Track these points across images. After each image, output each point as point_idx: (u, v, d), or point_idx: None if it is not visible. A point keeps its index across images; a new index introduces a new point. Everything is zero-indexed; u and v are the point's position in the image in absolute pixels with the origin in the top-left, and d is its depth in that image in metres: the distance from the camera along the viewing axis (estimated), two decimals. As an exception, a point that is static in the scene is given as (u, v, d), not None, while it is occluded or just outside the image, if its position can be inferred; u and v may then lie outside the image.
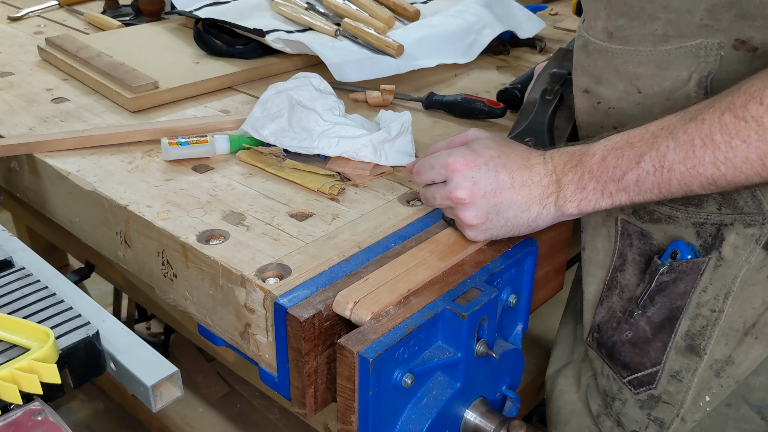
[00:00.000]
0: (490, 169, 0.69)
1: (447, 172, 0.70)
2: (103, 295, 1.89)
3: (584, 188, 0.67)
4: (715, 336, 0.72)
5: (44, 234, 1.52)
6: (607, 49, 0.72)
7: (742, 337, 0.72)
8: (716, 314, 0.72)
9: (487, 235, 0.72)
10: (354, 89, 1.12)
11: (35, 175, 0.94)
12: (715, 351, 0.73)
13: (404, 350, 0.63)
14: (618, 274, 0.78)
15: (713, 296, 0.72)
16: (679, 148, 0.61)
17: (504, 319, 0.76)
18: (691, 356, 0.74)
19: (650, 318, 0.75)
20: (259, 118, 0.91)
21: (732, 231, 0.70)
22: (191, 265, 0.74)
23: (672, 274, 0.73)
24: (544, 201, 0.69)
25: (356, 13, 1.26)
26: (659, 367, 0.75)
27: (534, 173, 0.69)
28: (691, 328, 0.73)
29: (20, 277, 0.67)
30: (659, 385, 0.76)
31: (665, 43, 0.68)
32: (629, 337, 0.77)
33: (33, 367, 0.55)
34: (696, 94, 0.68)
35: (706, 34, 0.65)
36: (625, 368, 0.78)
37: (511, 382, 0.77)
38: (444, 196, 0.71)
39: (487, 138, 0.73)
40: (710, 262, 0.71)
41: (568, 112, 0.86)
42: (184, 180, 0.86)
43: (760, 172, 0.58)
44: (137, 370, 0.59)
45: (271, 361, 0.69)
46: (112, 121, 1.01)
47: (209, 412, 1.53)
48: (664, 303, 0.74)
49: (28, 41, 1.33)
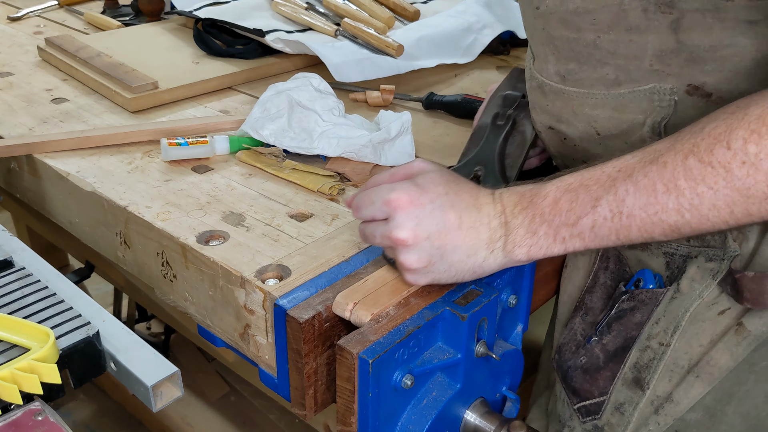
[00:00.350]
0: (435, 208, 0.62)
1: (389, 209, 0.63)
2: (103, 295, 1.89)
3: (535, 233, 0.62)
4: (660, 371, 0.70)
5: (44, 234, 1.52)
6: (563, 90, 0.70)
7: (685, 375, 0.69)
8: (663, 348, 0.70)
9: (428, 279, 0.65)
10: (354, 89, 1.12)
11: (35, 176, 0.94)
12: (658, 387, 0.71)
13: (404, 351, 0.63)
14: (586, 296, 0.77)
15: (663, 329, 0.70)
16: (639, 192, 0.57)
17: (504, 319, 0.76)
18: (635, 389, 0.72)
19: (605, 346, 0.73)
20: (259, 119, 0.91)
21: (694, 264, 0.68)
22: (191, 266, 0.74)
23: (631, 302, 0.71)
24: (491, 245, 0.63)
25: (356, 13, 1.26)
26: (606, 397, 0.73)
27: (482, 214, 0.63)
28: (640, 360, 0.71)
29: (20, 277, 0.67)
30: (603, 416, 0.74)
31: (618, 87, 0.66)
32: (582, 363, 0.75)
33: (33, 367, 0.55)
34: (651, 140, 0.66)
35: (658, 78, 0.64)
36: (575, 394, 0.76)
37: (511, 383, 0.77)
38: (384, 234, 0.64)
39: (433, 172, 0.66)
40: (668, 294, 0.69)
41: (521, 138, 0.80)
42: (183, 180, 0.86)
43: (727, 220, 0.54)
44: (138, 370, 0.59)
45: (270, 362, 0.69)
46: (111, 122, 1.01)
47: (209, 412, 1.53)
48: (619, 331, 0.72)
49: (28, 41, 1.33)
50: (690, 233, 0.57)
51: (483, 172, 0.76)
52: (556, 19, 0.66)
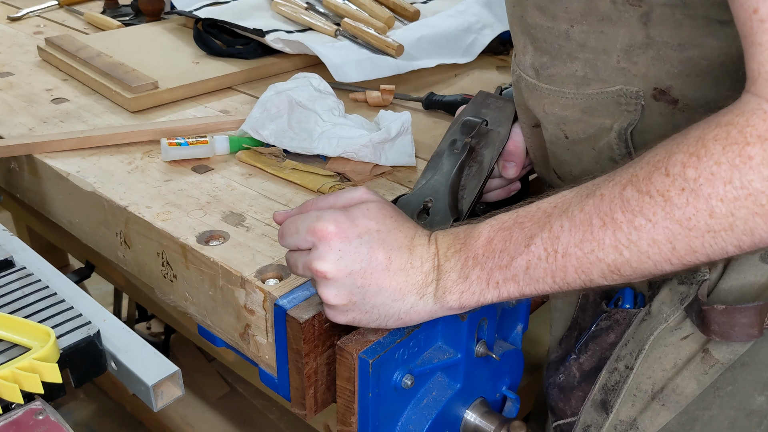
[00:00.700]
0: (363, 244, 0.58)
1: (313, 238, 0.59)
2: (103, 295, 1.89)
3: (467, 277, 0.57)
4: (623, 395, 0.67)
5: (44, 234, 1.52)
6: (536, 86, 0.69)
7: (650, 401, 0.66)
8: (627, 371, 0.67)
9: (347, 319, 0.61)
10: (354, 89, 1.12)
11: (35, 176, 0.94)
12: (621, 411, 0.68)
13: (404, 351, 0.63)
14: (579, 314, 0.76)
15: (630, 351, 0.67)
16: (574, 228, 0.52)
17: (504, 319, 0.76)
18: (601, 412, 0.69)
19: (581, 365, 0.71)
20: (259, 119, 0.91)
21: (667, 286, 0.66)
22: (191, 266, 0.74)
23: (608, 322, 0.69)
24: (422, 290, 0.59)
25: (356, 13, 1.26)
26: (576, 418, 0.71)
27: (415, 256, 0.59)
28: (608, 382, 0.69)
29: (21, 276, 0.67)
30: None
31: (587, 86, 0.65)
32: (560, 381, 0.73)
33: (34, 366, 0.55)
34: (617, 146, 0.65)
35: (625, 79, 0.62)
36: (553, 413, 0.75)
37: (511, 383, 0.77)
38: (306, 264, 0.60)
39: (373, 203, 0.61)
40: (639, 315, 0.67)
41: (478, 168, 0.75)
42: (183, 181, 0.86)
43: (670, 258, 0.50)
44: (138, 370, 0.59)
45: (270, 362, 0.70)
46: (111, 122, 1.01)
47: (210, 412, 1.53)
48: (595, 351, 0.70)
49: (28, 41, 1.33)
50: (632, 275, 0.52)
51: (433, 204, 0.71)
52: (533, 5, 0.65)
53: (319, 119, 0.90)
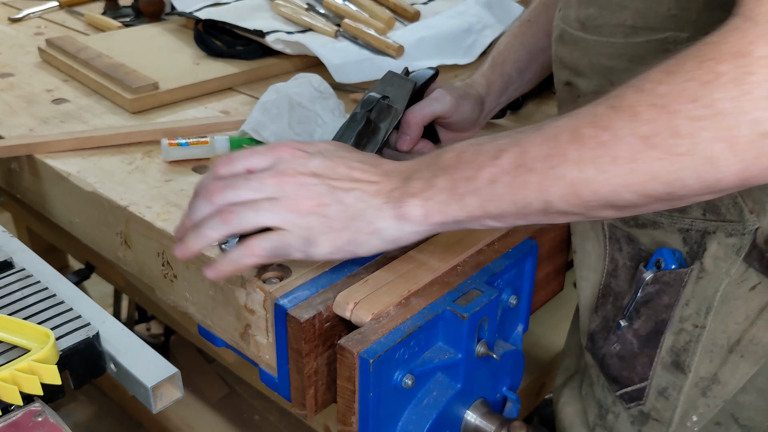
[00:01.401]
0: (325, 158, 0.58)
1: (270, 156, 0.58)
2: (103, 296, 1.89)
3: (433, 186, 0.56)
4: (699, 353, 0.68)
5: (44, 235, 1.52)
6: (582, 39, 0.69)
7: (727, 355, 0.68)
8: (699, 330, 0.68)
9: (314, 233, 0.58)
10: (354, 90, 1.12)
11: (35, 176, 0.94)
12: (700, 368, 0.69)
13: (404, 351, 0.63)
14: (612, 280, 0.76)
15: (695, 311, 0.68)
16: (544, 143, 0.52)
17: (504, 319, 0.76)
18: (676, 373, 0.70)
19: (637, 331, 0.71)
20: (259, 119, 0.91)
21: (714, 240, 0.66)
22: (191, 266, 0.74)
23: (656, 285, 0.69)
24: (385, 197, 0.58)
25: (356, 13, 1.26)
26: (647, 382, 0.72)
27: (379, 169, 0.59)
28: (675, 343, 0.70)
29: (20, 278, 0.67)
30: (647, 402, 0.73)
31: (635, 36, 0.65)
32: (617, 350, 0.74)
33: (33, 368, 0.55)
34: None
35: (675, 26, 0.62)
36: (615, 382, 0.75)
37: (511, 383, 0.77)
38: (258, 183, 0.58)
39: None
40: (692, 274, 0.67)
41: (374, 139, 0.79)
42: (184, 181, 0.86)
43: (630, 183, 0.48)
44: (137, 371, 0.59)
45: (271, 362, 0.69)
46: (112, 122, 1.01)
47: (209, 413, 1.53)
48: (649, 315, 0.70)
49: (29, 42, 1.33)
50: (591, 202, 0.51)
51: None
52: None
53: (319, 120, 0.90)
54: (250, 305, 0.69)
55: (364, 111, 0.79)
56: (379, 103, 0.79)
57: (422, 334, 0.64)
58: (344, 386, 0.62)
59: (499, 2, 1.35)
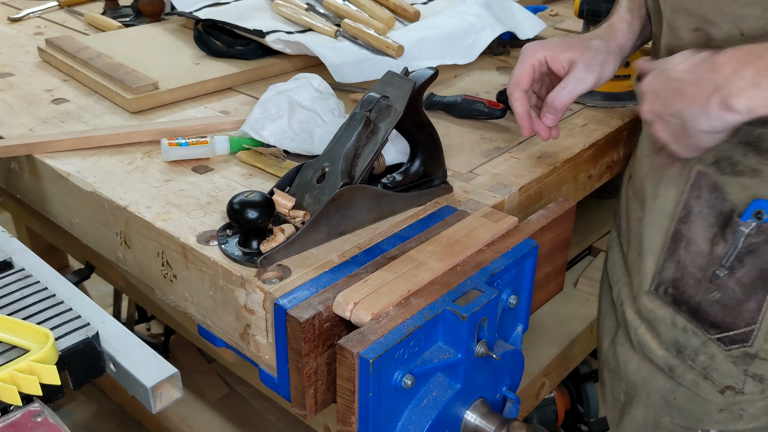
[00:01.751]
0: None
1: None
2: (103, 296, 1.89)
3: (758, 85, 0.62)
4: None
5: (44, 235, 1.52)
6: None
7: None
8: None
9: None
10: (354, 90, 1.12)
11: (35, 176, 0.94)
12: None
13: (404, 351, 0.63)
14: (682, 226, 0.78)
15: None
16: None
17: (504, 320, 0.76)
18: None
19: (740, 279, 0.74)
20: (259, 119, 0.91)
21: None
22: (191, 266, 0.74)
23: (762, 236, 0.71)
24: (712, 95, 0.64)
25: (356, 14, 1.26)
26: (755, 326, 0.75)
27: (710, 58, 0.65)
28: None
29: (20, 278, 0.67)
30: (755, 344, 0.75)
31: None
32: (717, 298, 0.76)
33: (32, 368, 0.55)
34: None
35: None
36: (714, 327, 0.77)
37: (511, 383, 0.77)
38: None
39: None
40: None
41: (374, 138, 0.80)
42: (183, 181, 0.86)
43: None
44: (137, 372, 0.59)
45: (271, 362, 0.69)
46: (112, 122, 1.01)
47: (209, 414, 1.53)
48: (755, 264, 0.73)
49: (28, 42, 1.33)
50: None
51: (329, 169, 0.78)
52: None
53: (319, 120, 0.90)
54: (249, 305, 0.69)
55: (364, 111, 0.79)
56: (379, 103, 0.80)
57: (422, 334, 0.64)
58: (344, 386, 0.62)
59: (499, 2, 1.35)
